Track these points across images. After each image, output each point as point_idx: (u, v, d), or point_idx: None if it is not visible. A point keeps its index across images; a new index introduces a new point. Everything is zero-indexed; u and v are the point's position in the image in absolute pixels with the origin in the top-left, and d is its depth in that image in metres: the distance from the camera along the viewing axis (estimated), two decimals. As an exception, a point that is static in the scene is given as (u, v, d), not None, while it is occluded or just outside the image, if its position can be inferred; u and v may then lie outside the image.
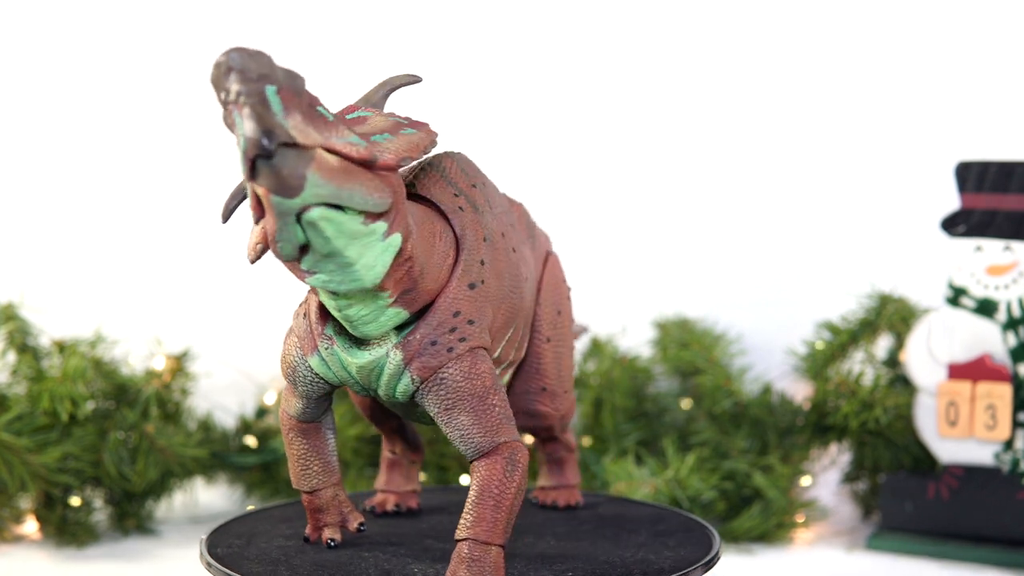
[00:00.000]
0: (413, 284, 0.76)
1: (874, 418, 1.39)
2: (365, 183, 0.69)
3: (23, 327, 1.40)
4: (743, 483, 1.40)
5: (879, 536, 1.36)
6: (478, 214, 0.84)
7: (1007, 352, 1.31)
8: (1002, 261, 1.32)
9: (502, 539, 0.77)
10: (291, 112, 0.65)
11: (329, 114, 0.69)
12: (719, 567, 0.88)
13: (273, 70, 0.64)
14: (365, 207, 0.69)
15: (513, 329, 0.87)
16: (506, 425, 0.78)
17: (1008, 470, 1.31)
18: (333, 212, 0.67)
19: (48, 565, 1.30)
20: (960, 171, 1.36)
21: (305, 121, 0.66)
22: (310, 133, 0.66)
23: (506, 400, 0.79)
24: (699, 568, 0.85)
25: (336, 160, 0.67)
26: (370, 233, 0.70)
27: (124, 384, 1.40)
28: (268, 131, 0.64)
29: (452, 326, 0.78)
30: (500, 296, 0.83)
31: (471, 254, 0.81)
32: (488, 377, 0.78)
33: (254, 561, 0.85)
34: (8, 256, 1.64)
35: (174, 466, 1.39)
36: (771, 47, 1.72)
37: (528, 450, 0.80)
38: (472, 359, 0.78)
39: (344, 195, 0.67)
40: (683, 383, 1.54)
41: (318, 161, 0.66)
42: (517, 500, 0.78)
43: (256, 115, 0.63)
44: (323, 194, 0.66)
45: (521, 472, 0.78)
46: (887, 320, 1.45)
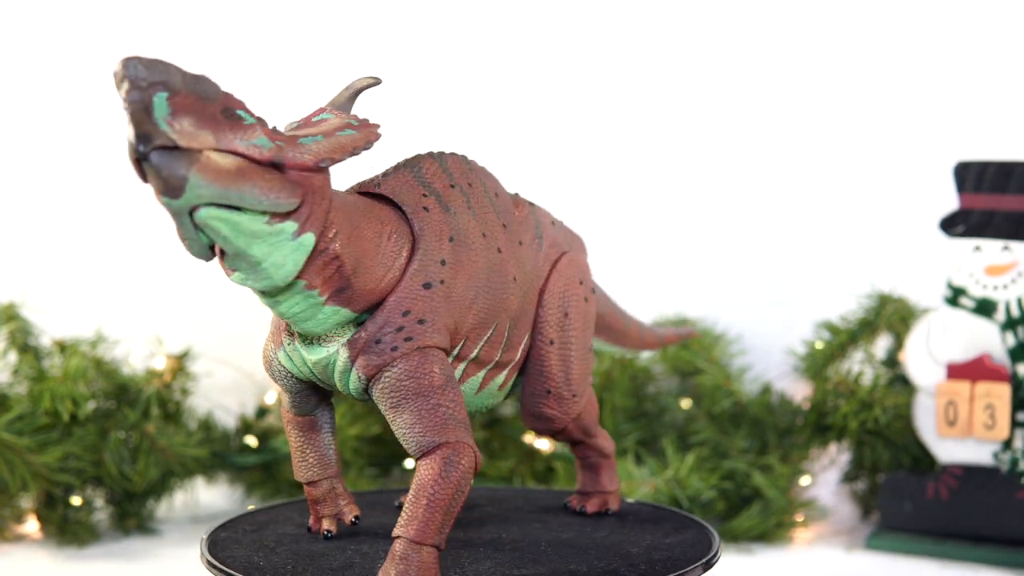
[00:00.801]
0: (345, 283, 0.78)
1: (873, 418, 1.40)
2: (261, 184, 0.71)
3: (24, 327, 1.41)
4: (743, 483, 1.40)
5: (878, 536, 1.36)
6: (447, 214, 0.85)
7: (1006, 352, 1.31)
8: (1001, 261, 1.33)
9: (434, 539, 0.78)
10: (179, 117, 0.68)
11: (250, 118, 0.71)
12: (719, 567, 0.89)
13: (170, 77, 0.68)
14: (260, 207, 0.71)
15: (494, 329, 0.87)
16: (451, 426, 0.79)
17: (1007, 469, 1.31)
18: (226, 212, 0.70)
19: (49, 564, 1.30)
20: (959, 171, 1.36)
21: (197, 125, 0.69)
22: (198, 136, 0.69)
23: (457, 401, 0.80)
24: (698, 568, 0.85)
25: (231, 161, 0.70)
26: (277, 233, 0.73)
27: (125, 384, 1.40)
28: (143, 135, 0.67)
29: (400, 325, 0.79)
30: (470, 296, 0.84)
31: (427, 254, 0.82)
32: (436, 377, 0.79)
33: (254, 560, 0.85)
34: (9, 256, 1.64)
35: (175, 466, 1.40)
36: (771, 48, 1.72)
37: (475, 452, 0.79)
38: (419, 358, 0.79)
39: (233, 195, 0.70)
40: (683, 383, 1.54)
41: (202, 163, 0.69)
42: (454, 501, 0.78)
43: (134, 121, 0.67)
44: (207, 195, 0.69)
45: (459, 473, 0.78)
46: (886, 320, 1.45)
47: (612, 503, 1.01)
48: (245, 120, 0.71)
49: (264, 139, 0.72)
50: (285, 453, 1.45)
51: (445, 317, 0.82)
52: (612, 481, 1.01)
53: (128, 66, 0.67)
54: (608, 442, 1.01)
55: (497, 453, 1.48)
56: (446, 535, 0.78)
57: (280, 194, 0.72)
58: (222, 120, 0.70)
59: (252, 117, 0.72)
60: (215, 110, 0.70)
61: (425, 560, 0.78)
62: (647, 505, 1.05)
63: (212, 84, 0.70)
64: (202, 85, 0.70)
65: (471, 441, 0.80)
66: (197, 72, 0.70)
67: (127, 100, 0.67)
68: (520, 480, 1.46)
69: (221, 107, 0.71)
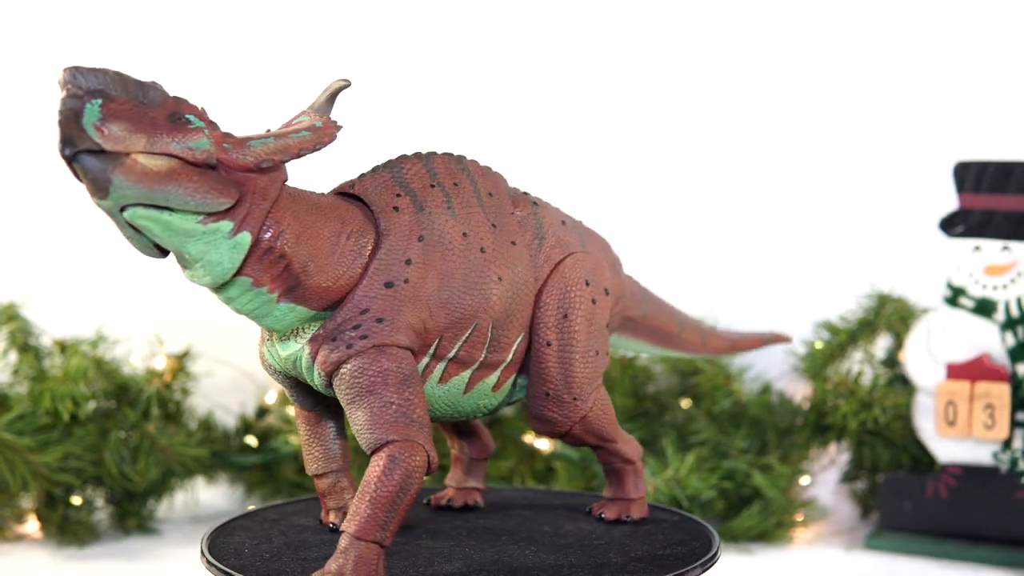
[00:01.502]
0: (295, 281, 0.81)
1: (873, 418, 1.40)
2: (188, 184, 0.74)
3: (25, 327, 1.41)
4: (742, 483, 1.41)
5: (878, 535, 1.37)
6: (420, 214, 0.85)
7: (1005, 352, 1.31)
8: (1000, 261, 1.33)
9: (374, 536, 0.78)
10: (109, 122, 0.72)
11: (198, 121, 0.75)
12: (718, 566, 0.89)
13: (107, 86, 0.73)
14: (187, 207, 0.75)
15: (473, 329, 0.86)
16: (401, 424, 0.79)
17: (1006, 469, 1.31)
18: (155, 212, 0.74)
19: (49, 564, 1.30)
20: (958, 171, 1.36)
21: (128, 130, 0.73)
22: (127, 140, 0.73)
23: (413, 400, 0.80)
24: (698, 567, 0.85)
25: (160, 163, 0.73)
26: (212, 232, 0.76)
27: (125, 384, 1.41)
28: (65, 139, 0.71)
29: (356, 323, 0.81)
30: (442, 296, 0.85)
31: (390, 253, 0.83)
32: (390, 375, 0.80)
33: (254, 560, 0.85)
34: (9, 256, 1.64)
35: (175, 466, 1.40)
36: (771, 48, 1.72)
37: (428, 452, 0.79)
38: (373, 356, 0.80)
39: (158, 196, 0.74)
40: (682, 382, 1.54)
41: (126, 165, 0.73)
42: (398, 499, 0.78)
43: (60, 126, 0.71)
44: (132, 195, 0.73)
45: (403, 471, 0.78)
46: (886, 320, 1.45)
47: (634, 511, 0.98)
48: (192, 124, 0.75)
49: (202, 141, 0.75)
50: (285, 453, 1.45)
51: (409, 316, 0.82)
52: (637, 488, 0.99)
53: (68, 75, 0.72)
54: (631, 447, 0.98)
55: (497, 453, 1.48)
56: (391, 532, 0.79)
57: (208, 195, 0.75)
58: (164, 124, 0.74)
59: (201, 121, 0.76)
60: (158, 115, 0.74)
61: (363, 555, 0.78)
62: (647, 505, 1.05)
63: (159, 91, 0.75)
64: (146, 92, 0.74)
65: (424, 440, 0.80)
66: (146, 80, 0.75)
67: (61, 107, 0.72)
68: (520, 480, 1.46)
69: (167, 112, 0.75)
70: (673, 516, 1.00)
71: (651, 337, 1.08)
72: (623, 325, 1.04)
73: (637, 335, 1.06)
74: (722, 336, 1.17)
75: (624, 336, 1.06)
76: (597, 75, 1.74)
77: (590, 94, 1.74)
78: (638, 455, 0.98)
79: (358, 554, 0.78)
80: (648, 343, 1.08)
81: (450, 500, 1.02)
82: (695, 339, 1.12)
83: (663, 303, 1.09)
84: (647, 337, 1.07)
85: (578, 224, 0.99)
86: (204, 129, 0.75)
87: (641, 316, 1.05)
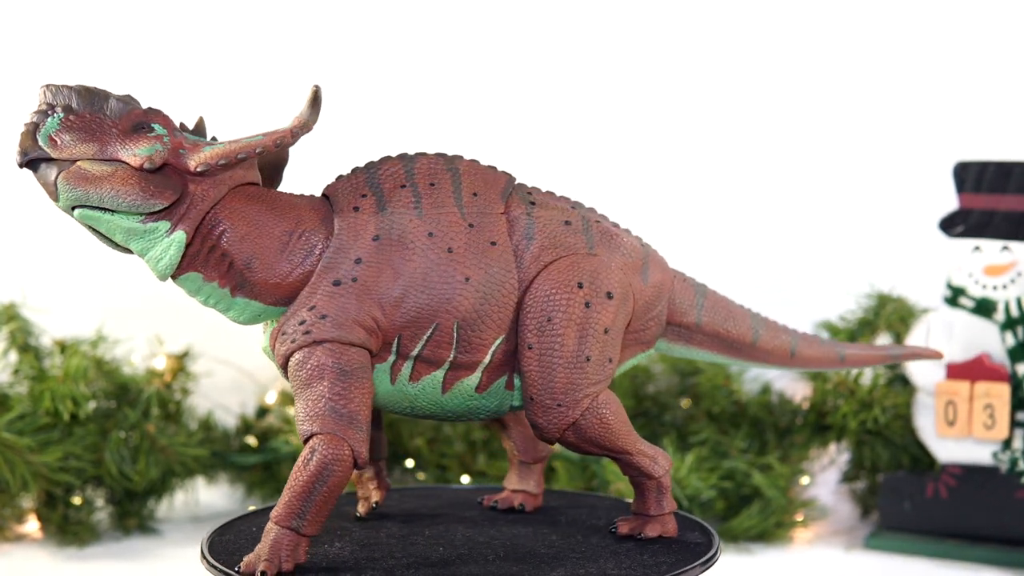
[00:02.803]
0: (242, 278, 0.87)
1: (873, 418, 1.40)
2: (120, 187, 0.83)
3: (25, 327, 1.41)
4: (742, 482, 1.41)
5: (878, 535, 1.37)
6: (381, 214, 0.88)
7: (1005, 352, 1.31)
8: (1000, 261, 1.33)
9: (290, 523, 0.82)
10: (63, 133, 0.83)
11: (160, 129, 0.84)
12: (718, 566, 0.89)
13: (72, 100, 0.84)
14: (120, 208, 0.84)
15: (434, 329, 0.86)
16: (328, 417, 0.82)
17: (1006, 469, 1.31)
18: (97, 212, 0.84)
19: (49, 564, 1.30)
20: (958, 171, 1.36)
21: (80, 139, 0.83)
22: (76, 148, 0.83)
23: (347, 395, 0.83)
24: (698, 567, 0.85)
25: (102, 168, 0.83)
26: (152, 231, 0.85)
27: (125, 384, 1.41)
28: (21, 150, 0.84)
29: (302, 319, 0.85)
30: (395, 294, 0.86)
31: (339, 252, 0.86)
32: (327, 370, 0.83)
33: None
34: (9, 256, 1.64)
35: (175, 465, 1.40)
36: (771, 49, 1.72)
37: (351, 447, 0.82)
38: (312, 351, 0.84)
39: (94, 197, 0.84)
40: (682, 382, 1.54)
41: (69, 171, 0.83)
42: (314, 490, 0.82)
43: (19, 137, 0.84)
44: (73, 198, 0.84)
45: (318, 463, 0.81)
46: (886, 320, 1.45)
47: (650, 529, 0.93)
48: (153, 132, 0.84)
49: (153, 147, 0.84)
50: (285, 453, 1.45)
51: (356, 313, 0.85)
52: (659, 505, 0.93)
53: (41, 92, 0.85)
54: (650, 461, 0.92)
55: (497, 453, 1.48)
56: (310, 520, 0.82)
57: (139, 196, 0.84)
58: (121, 134, 0.84)
59: (164, 129, 0.85)
60: (120, 125, 0.84)
61: (278, 540, 0.82)
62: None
63: (127, 103, 0.85)
64: (110, 105, 0.85)
65: (349, 435, 0.82)
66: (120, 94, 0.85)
67: (26, 119, 0.84)
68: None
69: (133, 122, 0.84)
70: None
71: (714, 346, 1.01)
72: (672, 332, 0.99)
73: (693, 343, 1.00)
74: (826, 348, 1.05)
75: (678, 344, 1.00)
76: (598, 76, 1.74)
77: (591, 95, 1.74)
78: (661, 470, 0.93)
79: (274, 539, 0.82)
80: (712, 352, 1.01)
81: (496, 502, 1.02)
82: (778, 351, 1.02)
83: (733, 310, 1.01)
84: (709, 346, 1.01)
85: (597, 224, 0.94)
86: (164, 136, 0.84)
87: (694, 323, 0.99)
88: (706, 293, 1.00)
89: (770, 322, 1.03)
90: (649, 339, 0.97)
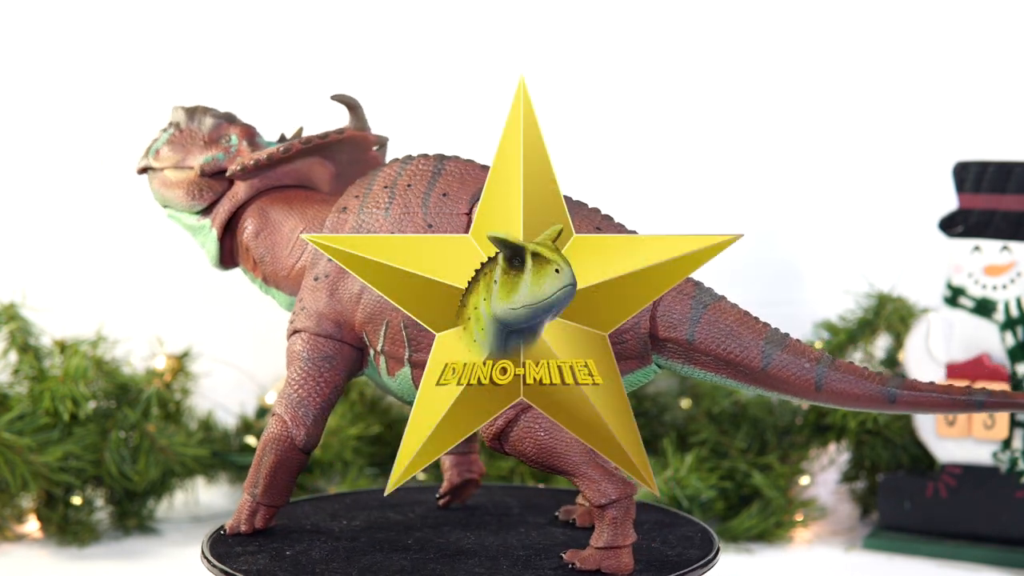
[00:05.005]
0: (262, 270, 0.99)
1: (872, 418, 1.40)
2: (178, 190, 1.00)
3: (25, 327, 1.40)
4: (742, 482, 1.41)
5: (877, 535, 1.37)
6: (360, 214, 0.92)
7: (1005, 352, 1.31)
8: (1000, 261, 1.33)
9: (248, 490, 0.93)
10: (165, 146, 1.00)
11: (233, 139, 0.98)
12: (718, 567, 0.89)
13: (181, 119, 1.00)
14: (179, 207, 1.01)
15: (386, 326, 0.89)
16: (283, 400, 0.91)
17: (1006, 469, 1.31)
18: (173, 212, 1.02)
19: (49, 564, 1.30)
20: (958, 171, 1.36)
21: (172, 150, 0.99)
22: (167, 158, 1.00)
23: (302, 381, 0.91)
24: (698, 568, 0.86)
25: (178, 175, 0.99)
26: (202, 227, 1.00)
27: (125, 384, 1.41)
28: (139, 161, 1.03)
29: (295, 309, 0.94)
30: (355, 291, 0.90)
31: (319, 250, 0.90)
32: (295, 357, 0.92)
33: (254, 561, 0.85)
34: (9, 256, 1.64)
35: (175, 465, 1.40)
36: (770, 49, 1.72)
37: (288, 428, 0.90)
38: (293, 339, 0.93)
39: (168, 199, 1.01)
40: (682, 382, 1.54)
41: (158, 178, 1.01)
42: (261, 463, 0.92)
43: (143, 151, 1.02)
44: (159, 200, 1.02)
45: (263, 440, 0.92)
46: (885, 320, 1.45)
47: (584, 562, 0.84)
48: (228, 142, 0.98)
49: (216, 155, 0.98)
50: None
51: (326, 307, 0.92)
52: (599, 537, 0.84)
53: (172, 111, 1.01)
54: (593, 487, 0.83)
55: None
56: (263, 491, 0.92)
57: (186, 198, 0.99)
58: (205, 144, 0.99)
59: (237, 139, 0.98)
60: (207, 137, 0.98)
61: (241, 505, 0.93)
62: (646, 505, 1.05)
63: (213, 119, 0.99)
64: (205, 120, 0.99)
65: (290, 417, 0.90)
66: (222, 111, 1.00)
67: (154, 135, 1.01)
68: (520, 480, 1.46)
69: (217, 135, 0.98)
70: (673, 516, 1.00)
71: (717, 368, 0.88)
72: (665, 348, 0.89)
73: (695, 363, 0.89)
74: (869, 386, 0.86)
75: (676, 362, 0.90)
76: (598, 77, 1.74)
77: (591, 95, 1.74)
78: (605, 499, 0.83)
79: (239, 503, 0.93)
80: (718, 375, 0.89)
81: (574, 519, 0.98)
82: (798, 381, 0.86)
83: (739, 329, 0.88)
84: (713, 367, 0.88)
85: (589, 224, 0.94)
86: (232, 146, 0.98)
87: (685, 339, 0.88)
88: (708, 306, 0.89)
89: (795, 345, 0.88)
90: (633, 353, 0.88)
